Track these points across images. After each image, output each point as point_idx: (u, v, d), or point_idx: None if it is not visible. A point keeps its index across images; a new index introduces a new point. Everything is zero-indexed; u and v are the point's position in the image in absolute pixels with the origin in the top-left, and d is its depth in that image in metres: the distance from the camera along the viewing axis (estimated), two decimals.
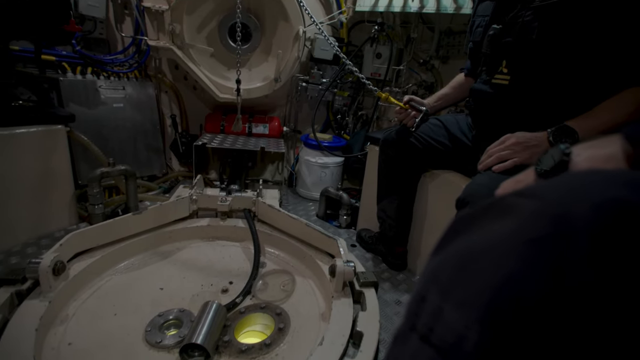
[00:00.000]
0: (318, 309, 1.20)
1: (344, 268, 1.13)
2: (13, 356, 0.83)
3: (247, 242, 1.53)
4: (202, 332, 0.95)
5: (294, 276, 1.35)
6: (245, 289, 1.22)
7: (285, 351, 1.01)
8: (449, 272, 0.31)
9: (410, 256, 1.64)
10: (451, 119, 1.44)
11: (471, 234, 0.32)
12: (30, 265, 1.02)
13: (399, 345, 0.35)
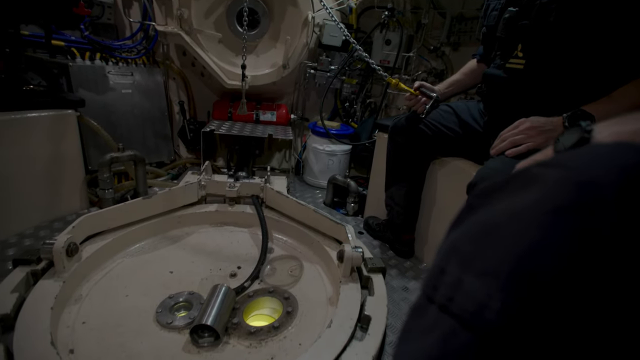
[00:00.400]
0: (326, 293, 1.21)
1: (352, 253, 1.13)
2: (31, 333, 0.85)
3: (255, 228, 1.54)
4: (212, 314, 0.97)
5: (301, 262, 1.36)
6: (254, 273, 1.23)
7: (294, 334, 1.03)
8: (470, 243, 0.31)
9: (417, 244, 1.63)
10: (462, 105, 1.42)
11: (492, 206, 0.31)
12: (45, 246, 1.04)
13: (416, 319, 0.35)
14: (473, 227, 0.32)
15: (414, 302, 0.37)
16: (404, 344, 0.35)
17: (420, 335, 0.33)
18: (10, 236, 1.48)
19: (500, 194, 0.32)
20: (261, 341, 0.99)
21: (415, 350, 0.33)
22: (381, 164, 1.74)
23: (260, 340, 0.99)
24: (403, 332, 0.37)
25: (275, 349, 0.97)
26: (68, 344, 0.91)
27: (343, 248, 1.15)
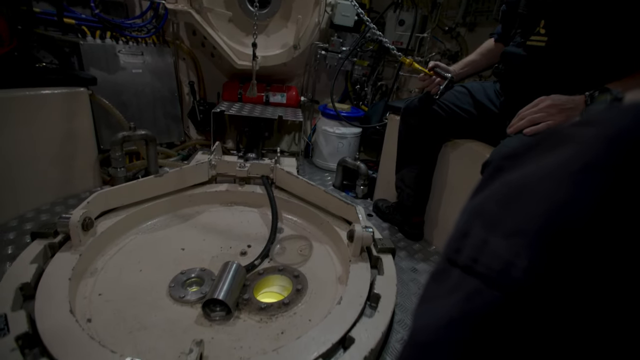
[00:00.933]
0: (335, 272, 1.22)
1: (362, 233, 1.13)
2: (51, 302, 0.88)
3: (264, 208, 1.55)
4: (223, 289, 0.98)
5: (311, 242, 1.37)
6: (264, 252, 1.24)
7: (303, 310, 1.04)
8: (496, 205, 0.31)
9: (427, 226, 1.63)
10: (477, 86, 1.39)
11: (522, 167, 0.31)
12: (61, 220, 1.06)
13: (437, 282, 0.34)
14: (501, 188, 0.32)
15: (435, 267, 0.37)
16: (424, 306, 0.35)
17: (442, 297, 0.33)
18: (28, 211, 1.52)
19: (531, 155, 0.31)
20: (271, 316, 1.00)
21: (437, 310, 0.32)
22: (392, 147, 1.72)
23: (270, 315, 1.01)
24: (423, 296, 0.37)
25: (285, 324, 0.99)
26: (86, 314, 0.94)
27: (353, 227, 1.15)
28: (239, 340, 0.92)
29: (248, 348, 0.90)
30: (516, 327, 0.27)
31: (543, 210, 0.26)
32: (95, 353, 0.75)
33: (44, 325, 0.81)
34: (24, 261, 1.01)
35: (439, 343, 0.31)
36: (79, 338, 0.78)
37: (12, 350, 0.75)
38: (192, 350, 0.78)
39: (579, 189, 0.25)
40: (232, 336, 0.93)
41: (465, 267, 0.31)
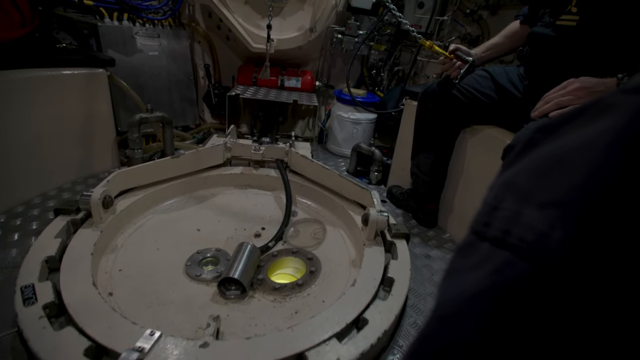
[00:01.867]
0: (349, 256, 1.22)
1: (377, 217, 1.13)
2: (75, 275, 0.91)
3: (278, 192, 1.55)
4: (238, 269, 1.00)
5: (324, 225, 1.37)
6: (278, 234, 1.25)
7: (317, 291, 1.05)
8: (530, 177, 0.30)
9: (441, 214, 1.61)
10: (500, 70, 1.34)
11: (560, 138, 0.29)
12: (83, 198, 1.09)
13: (463, 257, 0.34)
14: (536, 161, 0.31)
15: (461, 242, 0.37)
16: (450, 280, 0.35)
17: (469, 271, 0.32)
18: (50, 189, 1.56)
19: (569, 126, 0.29)
20: (285, 297, 1.02)
21: (463, 283, 0.32)
22: (408, 133, 1.69)
23: (284, 295, 1.02)
24: (449, 270, 0.36)
25: (299, 304, 1.00)
26: (107, 288, 0.97)
27: (368, 211, 1.15)
28: (254, 319, 0.94)
29: (262, 326, 0.92)
30: (546, 298, 0.27)
31: (583, 181, 0.25)
32: (117, 324, 0.78)
33: (69, 297, 0.84)
34: (49, 236, 1.05)
35: (465, 315, 0.31)
36: (102, 309, 0.81)
37: (40, 318, 0.78)
38: (210, 325, 0.80)
39: (622, 159, 0.23)
40: (246, 314, 0.95)
41: (495, 240, 0.30)
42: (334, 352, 0.78)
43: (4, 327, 0.87)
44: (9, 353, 0.81)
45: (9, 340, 0.83)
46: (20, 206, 1.41)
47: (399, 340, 0.98)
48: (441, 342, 0.33)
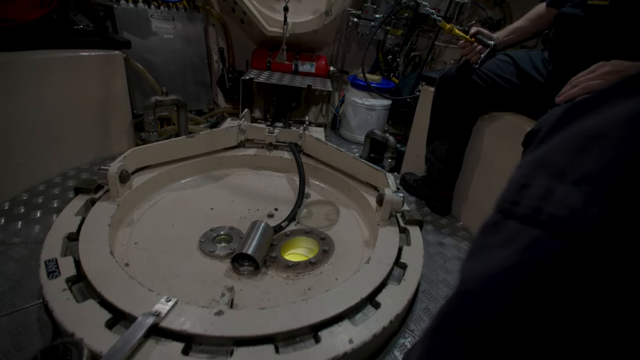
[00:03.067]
0: (362, 236, 1.22)
1: (392, 197, 1.12)
2: (93, 245, 0.93)
3: (292, 174, 1.55)
4: (252, 245, 1.01)
5: (337, 207, 1.37)
6: (291, 214, 1.25)
7: (330, 270, 1.06)
8: (565, 154, 0.30)
9: (455, 202, 1.59)
10: (523, 54, 1.30)
11: (594, 115, 0.29)
12: (100, 171, 1.11)
13: (489, 235, 0.34)
14: (571, 137, 0.30)
15: (485, 222, 0.36)
16: (474, 258, 0.35)
17: (494, 249, 0.32)
18: (70, 169, 1.60)
19: (607, 102, 0.28)
20: (298, 274, 1.03)
21: (488, 262, 0.32)
22: (423, 119, 1.66)
23: (297, 273, 1.03)
24: (473, 249, 0.36)
25: (312, 282, 1.01)
26: (124, 259, 1.00)
27: (383, 191, 1.14)
28: (267, 293, 0.95)
29: (276, 300, 0.93)
30: (577, 277, 0.26)
31: (622, 156, 0.24)
32: (134, 290, 0.80)
33: (87, 264, 0.86)
34: (69, 213, 1.07)
35: (490, 293, 0.31)
36: (119, 276, 0.83)
37: (63, 290, 0.81)
38: (224, 295, 0.82)
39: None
40: (259, 289, 0.96)
41: (524, 218, 0.29)
42: (346, 333, 0.79)
43: (30, 299, 0.90)
44: (35, 322, 0.84)
45: (35, 310, 0.87)
46: (42, 185, 1.45)
47: (410, 325, 0.98)
48: (463, 318, 0.33)
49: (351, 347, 0.75)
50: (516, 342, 0.29)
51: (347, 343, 0.76)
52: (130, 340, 0.67)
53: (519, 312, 0.28)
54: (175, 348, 0.71)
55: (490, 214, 0.36)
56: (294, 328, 0.75)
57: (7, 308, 0.87)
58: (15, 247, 1.08)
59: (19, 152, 1.36)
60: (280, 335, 0.75)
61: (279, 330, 0.75)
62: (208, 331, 0.72)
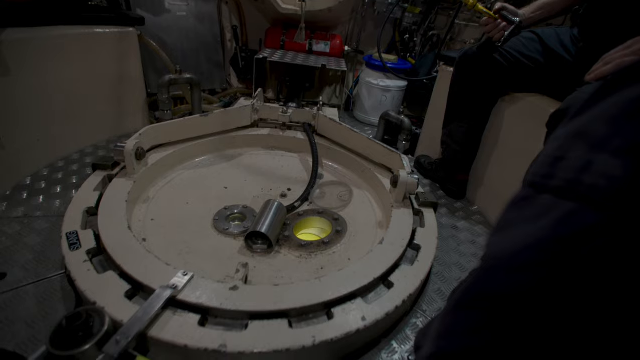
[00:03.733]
0: (375, 218, 1.22)
1: (407, 178, 1.11)
2: (111, 220, 0.95)
3: (305, 154, 1.54)
4: (265, 223, 1.02)
5: (351, 188, 1.36)
6: (304, 194, 1.25)
7: (343, 250, 1.06)
8: (606, 125, 0.29)
9: (470, 185, 1.56)
10: (550, 32, 1.23)
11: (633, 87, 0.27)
12: (117, 148, 1.13)
13: (518, 210, 0.33)
14: (611, 108, 0.29)
15: (513, 197, 0.36)
16: (501, 233, 0.34)
17: (525, 223, 0.31)
18: (86, 147, 1.62)
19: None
20: (311, 254, 1.03)
21: (518, 236, 0.31)
22: (440, 101, 1.62)
23: (310, 252, 1.04)
24: (501, 224, 0.35)
25: (324, 261, 1.01)
26: (141, 234, 1.02)
27: (398, 173, 1.12)
28: (280, 271, 0.96)
29: (289, 278, 0.94)
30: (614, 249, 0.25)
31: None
32: (152, 264, 0.82)
33: (107, 238, 0.88)
34: (88, 189, 1.10)
35: (521, 267, 0.30)
36: (138, 251, 0.85)
37: (84, 262, 0.83)
38: (239, 271, 0.83)
39: None
40: (273, 267, 0.98)
41: (558, 190, 0.29)
42: (359, 311, 0.79)
43: (53, 269, 0.94)
44: (58, 291, 0.88)
45: (58, 280, 0.90)
46: (61, 161, 1.48)
47: (422, 305, 0.98)
48: (491, 292, 0.32)
49: (364, 325, 0.76)
50: (543, 314, 0.28)
51: (359, 320, 0.77)
52: (149, 311, 0.69)
53: (550, 284, 0.27)
54: (192, 319, 0.73)
55: (520, 189, 0.35)
56: (307, 305, 0.76)
57: (32, 277, 0.91)
58: (38, 220, 1.11)
59: (39, 129, 1.38)
60: (294, 311, 0.76)
61: (293, 306, 0.76)
62: (223, 305, 0.74)
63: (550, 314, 0.29)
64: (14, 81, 1.24)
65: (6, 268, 0.92)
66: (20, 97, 1.29)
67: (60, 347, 0.63)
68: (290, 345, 0.70)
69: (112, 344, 0.63)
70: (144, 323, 0.67)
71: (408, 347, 0.85)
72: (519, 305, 0.31)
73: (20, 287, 0.88)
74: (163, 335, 0.68)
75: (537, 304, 0.30)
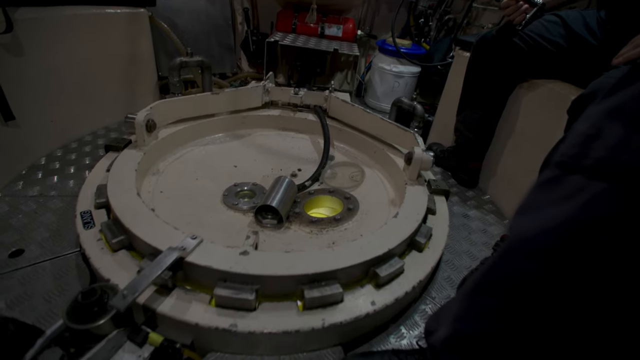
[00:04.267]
0: (388, 197, 1.19)
1: (422, 155, 1.07)
2: (121, 185, 0.95)
3: (316, 136, 1.52)
4: (276, 198, 1.00)
5: (362, 168, 1.34)
6: (315, 174, 1.23)
7: (354, 227, 1.04)
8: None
9: (483, 174, 1.53)
10: (575, 15, 1.18)
11: None
12: (128, 119, 1.12)
13: (544, 192, 0.32)
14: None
15: (539, 178, 0.34)
16: (525, 215, 0.33)
17: (552, 205, 0.30)
18: (99, 128, 1.64)
19: None
20: (322, 229, 1.02)
21: (545, 217, 0.30)
22: (455, 87, 1.58)
23: (321, 229, 1.02)
24: (523, 207, 0.34)
25: (336, 237, 1.00)
26: (149, 204, 1.00)
27: (412, 149, 1.09)
28: (290, 244, 0.95)
29: (300, 251, 0.93)
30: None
31: None
32: (160, 227, 0.81)
33: (116, 203, 0.87)
34: (101, 169, 1.10)
35: (548, 248, 0.29)
36: (146, 215, 0.85)
37: (98, 240, 0.85)
38: (249, 237, 0.82)
39: None
40: (283, 241, 0.97)
41: (590, 171, 0.28)
42: (369, 295, 0.79)
43: (68, 247, 0.96)
44: (74, 269, 0.90)
45: (73, 258, 0.92)
46: (74, 142, 1.50)
47: (432, 292, 0.98)
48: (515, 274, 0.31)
49: (373, 309, 0.76)
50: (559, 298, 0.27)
51: (369, 305, 0.77)
52: (157, 270, 0.68)
53: (579, 264, 0.26)
54: (203, 298, 0.73)
55: (547, 170, 0.33)
56: (320, 271, 0.74)
57: (49, 254, 0.93)
58: (53, 200, 1.13)
59: (52, 110, 1.40)
60: (306, 278, 0.74)
61: (305, 272, 0.73)
62: (233, 268, 0.72)
63: (567, 299, 0.28)
64: (27, 61, 1.25)
65: (24, 244, 0.95)
66: (33, 78, 1.29)
67: (76, 321, 0.64)
68: (299, 327, 0.70)
69: (118, 298, 0.63)
70: (150, 280, 0.66)
71: (416, 332, 0.85)
72: (536, 289, 0.30)
73: (37, 263, 0.90)
74: (174, 313, 0.69)
75: (554, 289, 0.29)
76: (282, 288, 0.75)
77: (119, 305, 0.61)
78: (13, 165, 1.24)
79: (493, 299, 0.33)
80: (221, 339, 0.71)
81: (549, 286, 0.28)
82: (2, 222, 1.02)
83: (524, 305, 0.30)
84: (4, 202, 1.10)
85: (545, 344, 0.31)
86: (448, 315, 0.42)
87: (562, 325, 0.29)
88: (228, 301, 0.71)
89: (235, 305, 0.71)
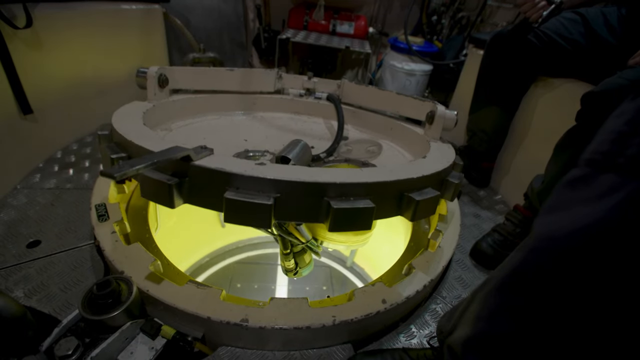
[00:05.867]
0: (407, 161, 1.14)
1: (444, 112, 1.01)
2: (127, 119, 0.89)
3: (330, 120, 1.48)
4: (292, 152, 0.92)
5: (379, 142, 1.25)
6: (331, 148, 1.13)
7: None
8: None
9: (495, 174, 1.51)
10: (596, 12, 1.15)
11: None
12: (140, 73, 1.08)
13: (573, 191, 0.31)
14: None
15: (567, 177, 0.33)
16: (552, 215, 0.32)
17: (582, 204, 0.29)
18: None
19: None
20: None
21: (574, 217, 0.29)
22: (468, 85, 1.56)
23: None
24: (550, 206, 0.33)
25: None
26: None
27: (434, 108, 1.03)
28: None
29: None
30: None
31: None
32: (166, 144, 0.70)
33: (121, 128, 0.81)
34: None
35: (582, 248, 0.28)
36: (152, 136, 0.79)
37: (112, 233, 0.86)
38: (265, 156, 0.81)
39: None
40: None
41: (625, 169, 0.27)
42: (380, 293, 0.79)
43: (83, 239, 0.98)
44: (88, 260, 0.91)
45: (88, 250, 0.94)
46: (89, 137, 1.52)
47: (442, 292, 0.98)
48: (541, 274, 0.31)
49: (384, 307, 0.76)
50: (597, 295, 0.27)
51: (380, 303, 0.77)
52: (161, 156, 0.58)
53: (611, 265, 0.26)
54: (215, 293, 0.74)
55: (576, 168, 0.33)
56: (349, 181, 0.65)
57: (65, 245, 0.95)
58: (68, 192, 1.16)
59: (69, 104, 1.42)
60: (333, 188, 0.64)
61: (332, 180, 0.64)
62: (247, 172, 0.61)
63: (598, 300, 0.27)
64: (45, 56, 1.27)
65: (40, 236, 0.97)
66: (51, 73, 1.32)
67: (91, 312, 0.66)
68: (310, 323, 0.71)
69: (114, 167, 0.52)
70: (151, 161, 0.56)
71: (427, 331, 0.85)
72: (565, 290, 0.29)
73: (53, 254, 0.92)
74: (186, 307, 0.70)
75: (584, 290, 0.28)
76: (305, 202, 0.65)
77: (114, 172, 0.50)
78: (31, 158, 1.27)
79: (520, 298, 0.32)
80: (232, 334, 0.72)
81: (579, 287, 0.27)
82: (21, 213, 1.05)
83: (551, 305, 0.29)
84: (22, 194, 1.12)
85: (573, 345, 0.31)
86: (466, 315, 0.41)
87: (592, 326, 0.28)
88: (240, 209, 0.60)
89: (249, 216, 0.61)
